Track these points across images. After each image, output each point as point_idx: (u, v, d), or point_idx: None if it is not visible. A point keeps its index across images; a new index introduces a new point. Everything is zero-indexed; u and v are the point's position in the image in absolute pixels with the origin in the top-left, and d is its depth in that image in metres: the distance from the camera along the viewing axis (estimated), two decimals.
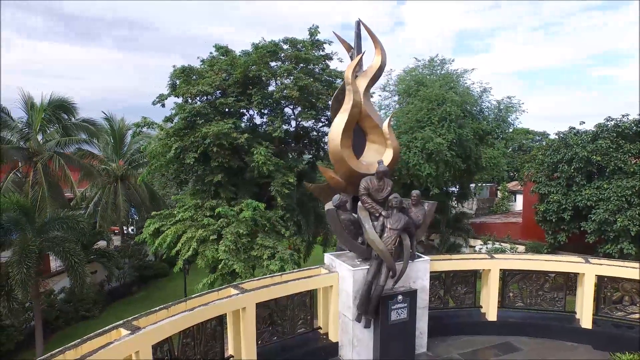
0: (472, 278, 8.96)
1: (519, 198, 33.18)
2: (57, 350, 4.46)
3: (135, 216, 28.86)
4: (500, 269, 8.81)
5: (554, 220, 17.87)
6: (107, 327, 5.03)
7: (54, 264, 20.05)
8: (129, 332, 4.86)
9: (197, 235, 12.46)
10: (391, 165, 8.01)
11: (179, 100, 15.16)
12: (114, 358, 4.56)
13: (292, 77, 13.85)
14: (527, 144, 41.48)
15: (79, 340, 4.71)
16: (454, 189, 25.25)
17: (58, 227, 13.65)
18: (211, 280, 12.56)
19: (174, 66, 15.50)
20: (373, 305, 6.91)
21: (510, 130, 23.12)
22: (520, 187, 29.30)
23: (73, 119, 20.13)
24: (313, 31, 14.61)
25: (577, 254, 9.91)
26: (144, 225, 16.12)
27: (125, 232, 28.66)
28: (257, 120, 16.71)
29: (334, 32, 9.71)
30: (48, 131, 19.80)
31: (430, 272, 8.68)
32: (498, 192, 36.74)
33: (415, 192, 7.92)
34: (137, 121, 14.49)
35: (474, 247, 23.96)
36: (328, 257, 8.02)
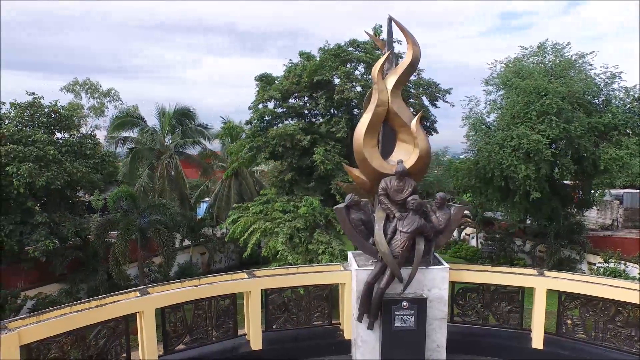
0: (518, 295, 7.89)
1: None
2: (86, 299, 5.87)
3: None
4: (557, 290, 7.55)
5: None
6: (128, 290, 6.33)
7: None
8: (139, 294, 6.03)
9: (262, 227, 13.81)
10: (416, 166, 7.62)
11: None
12: (121, 313, 5.77)
13: (350, 79, 14.01)
14: None
15: (105, 295, 6.09)
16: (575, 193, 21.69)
17: (155, 212, 16.89)
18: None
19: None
20: (374, 308, 6.82)
21: None
22: None
23: (191, 124, 24.18)
24: (376, 31, 14.41)
25: None
26: None
27: None
28: None
29: (365, 31, 9.63)
30: (175, 133, 24.23)
31: (466, 283, 8.07)
32: None
33: (439, 195, 7.50)
34: (224, 125, 16.60)
35: (594, 264, 20.04)
36: (350, 255, 8.14)
